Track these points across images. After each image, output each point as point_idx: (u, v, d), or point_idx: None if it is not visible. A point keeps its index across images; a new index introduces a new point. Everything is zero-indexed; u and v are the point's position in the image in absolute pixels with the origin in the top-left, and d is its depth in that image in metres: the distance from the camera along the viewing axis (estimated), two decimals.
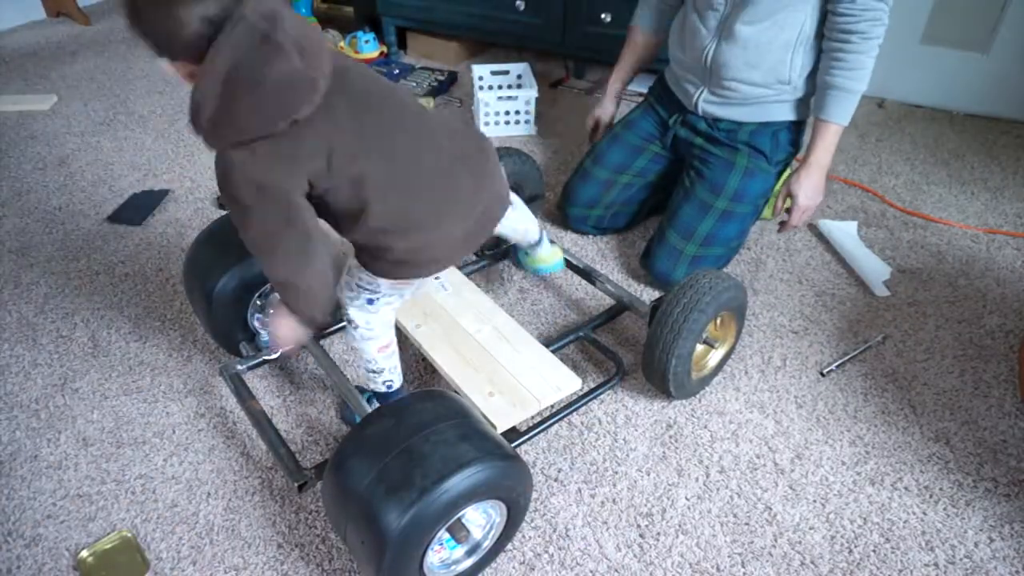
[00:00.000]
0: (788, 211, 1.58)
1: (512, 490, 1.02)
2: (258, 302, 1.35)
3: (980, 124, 2.33)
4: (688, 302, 1.23)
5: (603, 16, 2.28)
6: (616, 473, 1.26)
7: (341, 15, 2.91)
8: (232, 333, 1.35)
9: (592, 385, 1.39)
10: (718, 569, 1.12)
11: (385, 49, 2.76)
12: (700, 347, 1.35)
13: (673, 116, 1.69)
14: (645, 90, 2.41)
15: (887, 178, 2.07)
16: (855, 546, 1.15)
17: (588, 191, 1.74)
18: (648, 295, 1.64)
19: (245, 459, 1.27)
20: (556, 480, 1.25)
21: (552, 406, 1.27)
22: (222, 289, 1.28)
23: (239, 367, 1.32)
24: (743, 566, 1.12)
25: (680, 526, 1.18)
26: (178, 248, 1.77)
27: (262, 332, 1.38)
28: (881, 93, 2.43)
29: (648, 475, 1.26)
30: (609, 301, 1.56)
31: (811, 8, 1.44)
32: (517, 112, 2.26)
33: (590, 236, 1.82)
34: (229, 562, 1.12)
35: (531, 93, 2.23)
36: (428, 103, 2.41)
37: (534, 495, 1.22)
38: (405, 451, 0.94)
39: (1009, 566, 1.13)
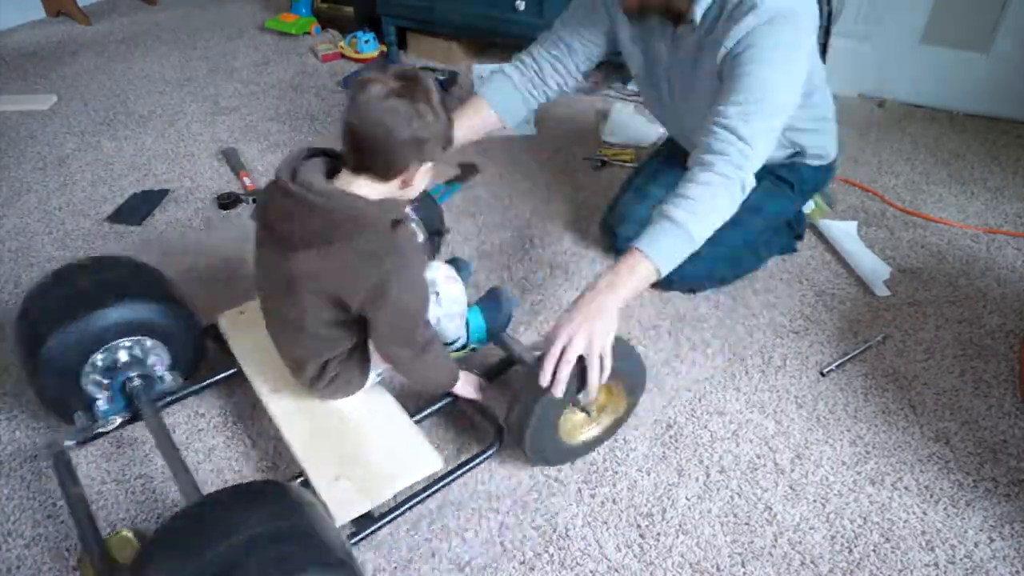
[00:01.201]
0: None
1: None
2: (99, 363, 1.19)
3: (980, 124, 2.33)
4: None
5: None
6: (616, 473, 1.26)
7: (341, 15, 2.91)
8: (63, 400, 1.19)
9: (470, 454, 1.24)
10: (718, 569, 1.12)
11: (385, 49, 2.76)
12: (578, 416, 1.22)
13: None
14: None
15: (887, 178, 2.07)
16: (855, 546, 1.15)
17: (644, 211, 1.62)
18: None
19: (245, 459, 1.27)
20: (556, 480, 1.24)
21: (412, 486, 1.13)
22: (52, 348, 1.13)
23: (67, 443, 1.18)
24: (743, 566, 1.12)
25: (680, 526, 1.18)
26: (178, 248, 1.77)
27: (100, 399, 1.22)
28: (881, 93, 2.43)
29: (648, 475, 1.26)
30: (496, 354, 1.39)
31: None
32: None
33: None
34: None
35: None
36: None
37: (534, 495, 1.22)
38: (214, 563, 0.80)
39: (1009, 566, 1.13)
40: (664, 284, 1.61)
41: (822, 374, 1.45)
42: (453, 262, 1.40)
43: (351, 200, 0.99)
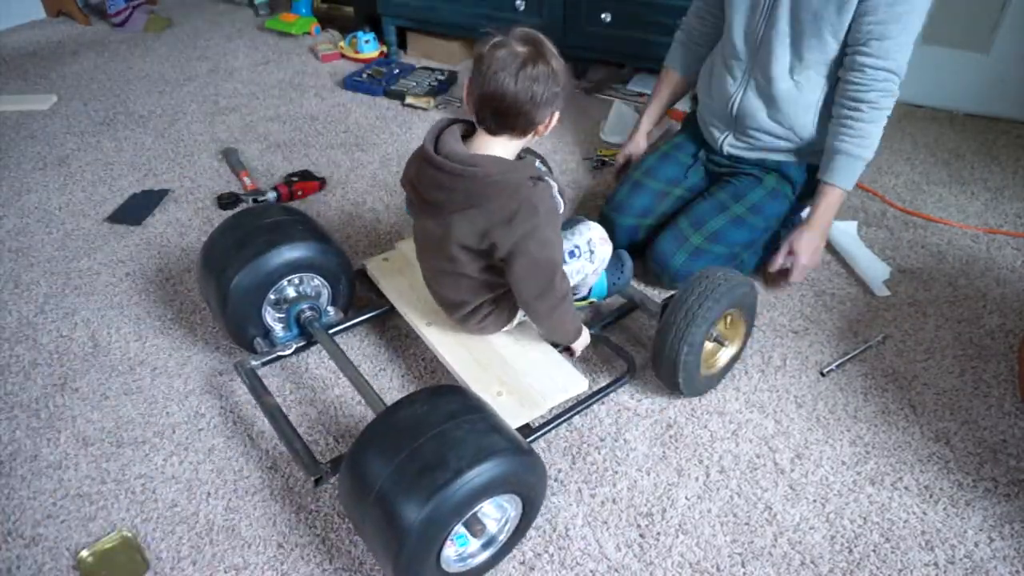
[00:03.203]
0: (785, 273, 1.60)
1: (527, 484, 1.03)
2: (272, 296, 1.35)
3: (980, 124, 2.33)
4: (703, 291, 1.25)
5: (603, 16, 2.27)
6: (616, 473, 1.26)
7: (341, 15, 2.91)
8: (246, 329, 1.36)
9: (605, 382, 1.39)
10: (718, 569, 1.12)
11: (385, 49, 2.76)
12: (710, 345, 1.36)
13: (701, 150, 1.74)
14: (647, 91, 2.43)
15: (887, 178, 2.07)
16: (855, 546, 1.15)
17: (642, 201, 1.69)
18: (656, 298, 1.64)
19: (245, 459, 1.27)
20: (556, 480, 1.25)
21: (563, 403, 1.28)
22: (238, 284, 1.29)
23: (253, 363, 1.33)
24: (743, 566, 1.12)
25: (680, 526, 1.18)
26: (178, 248, 1.77)
27: (276, 328, 1.39)
28: None
29: (648, 475, 1.26)
30: (620, 300, 1.56)
31: (831, 72, 1.47)
32: None
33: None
34: (229, 562, 1.12)
35: None
36: (428, 103, 2.41)
37: None
38: (422, 446, 0.95)
39: (1009, 566, 1.13)
40: (666, 283, 1.62)
41: (822, 374, 1.45)
42: (617, 255, 1.49)
43: (493, 164, 1.09)
